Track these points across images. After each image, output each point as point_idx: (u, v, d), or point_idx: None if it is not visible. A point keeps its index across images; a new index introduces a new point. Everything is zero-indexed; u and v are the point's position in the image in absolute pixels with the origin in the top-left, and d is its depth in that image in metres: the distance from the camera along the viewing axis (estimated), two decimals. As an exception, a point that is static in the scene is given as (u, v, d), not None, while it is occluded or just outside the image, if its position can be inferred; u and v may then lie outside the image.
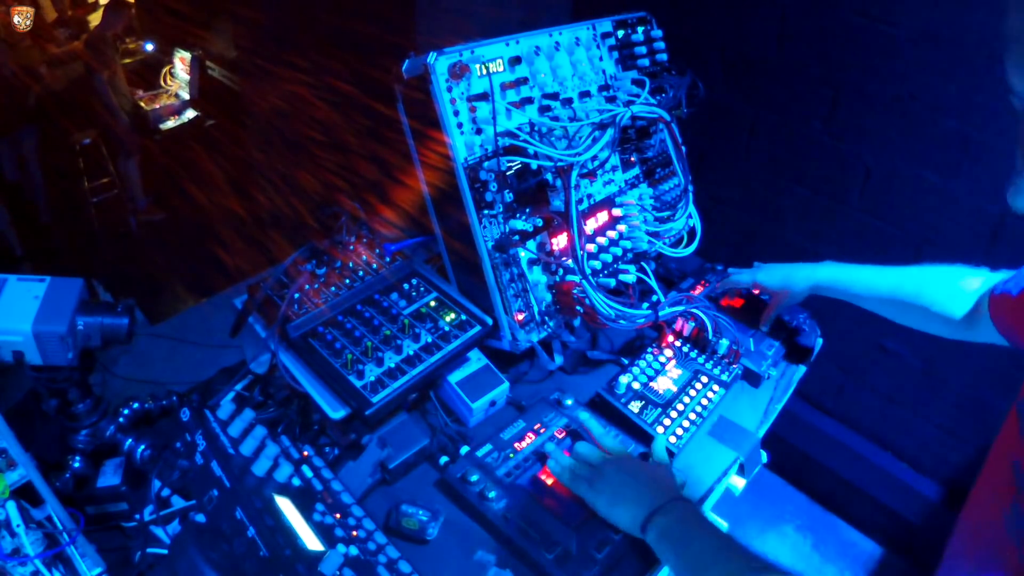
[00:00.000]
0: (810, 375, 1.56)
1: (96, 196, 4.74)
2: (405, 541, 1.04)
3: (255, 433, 1.01)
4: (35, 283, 0.98)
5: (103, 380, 1.30)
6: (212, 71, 5.04)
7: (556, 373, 1.44)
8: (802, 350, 1.52)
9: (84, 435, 1.08)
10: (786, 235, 2.41)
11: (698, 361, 1.42)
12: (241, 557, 0.86)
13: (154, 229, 4.82)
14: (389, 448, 1.16)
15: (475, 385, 1.28)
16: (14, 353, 0.95)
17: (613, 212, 1.49)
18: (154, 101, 5.13)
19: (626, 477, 1.07)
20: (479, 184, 1.24)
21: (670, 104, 1.49)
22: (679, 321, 1.45)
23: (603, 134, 1.33)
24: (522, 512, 1.06)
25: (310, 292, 1.23)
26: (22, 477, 0.92)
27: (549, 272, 1.36)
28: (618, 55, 1.54)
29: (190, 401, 1.23)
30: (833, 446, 2.54)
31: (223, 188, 4.36)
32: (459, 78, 1.22)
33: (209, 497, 0.93)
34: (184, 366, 1.38)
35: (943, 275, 1.23)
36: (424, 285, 1.32)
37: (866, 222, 2.16)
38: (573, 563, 1.00)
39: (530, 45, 1.37)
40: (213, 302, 1.69)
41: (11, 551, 0.90)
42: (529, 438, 1.21)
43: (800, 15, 2.08)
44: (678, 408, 1.30)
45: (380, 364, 1.15)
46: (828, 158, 2.18)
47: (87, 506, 1.07)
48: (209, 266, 3.82)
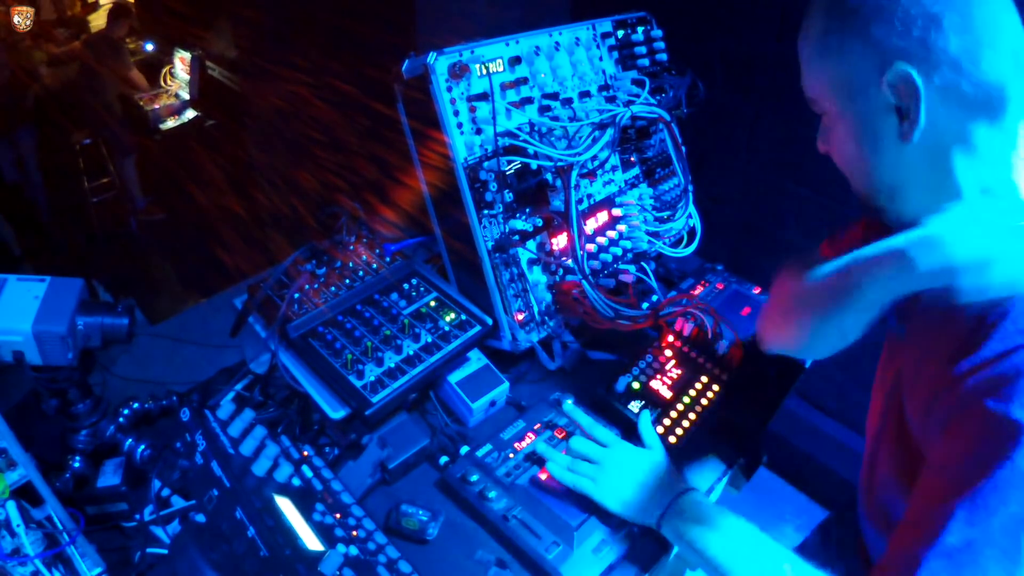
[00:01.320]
0: (810, 375, 1.56)
1: (96, 196, 4.74)
2: (405, 541, 1.04)
3: (255, 433, 1.01)
4: (35, 283, 0.98)
5: (103, 380, 1.30)
6: (212, 71, 5.03)
7: (556, 373, 1.44)
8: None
9: (84, 435, 1.08)
10: (786, 235, 2.41)
11: (698, 361, 1.42)
12: (241, 557, 0.86)
13: (154, 229, 4.82)
14: (389, 448, 1.16)
15: (475, 385, 1.28)
16: (14, 353, 0.95)
17: (613, 212, 1.49)
18: (154, 101, 5.12)
19: (629, 469, 1.07)
20: (479, 184, 1.24)
21: (670, 104, 1.50)
22: (679, 321, 1.45)
23: (603, 134, 1.33)
24: (522, 512, 1.06)
25: (310, 292, 1.23)
26: (22, 477, 0.92)
27: (549, 272, 1.36)
28: (618, 55, 1.54)
29: (190, 401, 1.23)
30: (833, 446, 2.54)
31: (223, 188, 4.35)
32: (459, 78, 1.22)
33: (209, 497, 0.93)
34: (184, 366, 1.38)
35: None
36: (424, 285, 1.32)
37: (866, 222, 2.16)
38: (573, 563, 1.00)
39: (530, 45, 1.37)
40: (213, 302, 1.68)
41: (11, 551, 0.90)
42: (529, 438, 1.20)
43: (800, 15, 2.07)
44: (678, 408, 1.30)
45: (380, 364, 1.15)
46: (828, 158, 2.18)
47: (87, 506, 1.07)
48: (209, 266, 3.81)
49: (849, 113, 0.81)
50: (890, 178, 0.81)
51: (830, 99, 0.82)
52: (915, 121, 0.74)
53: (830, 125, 0.86)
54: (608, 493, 1.06)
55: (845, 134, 0.83)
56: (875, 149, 0.80)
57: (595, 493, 1.06)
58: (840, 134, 0.84)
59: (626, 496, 1.05)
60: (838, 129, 0.84)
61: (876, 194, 0.84)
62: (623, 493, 1.05)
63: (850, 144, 0.83)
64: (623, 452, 1.11)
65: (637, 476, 1.07)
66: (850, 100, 0.79)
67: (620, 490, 1.05)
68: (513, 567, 1.02)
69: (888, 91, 0.75)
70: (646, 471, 1.07)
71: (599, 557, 1.02)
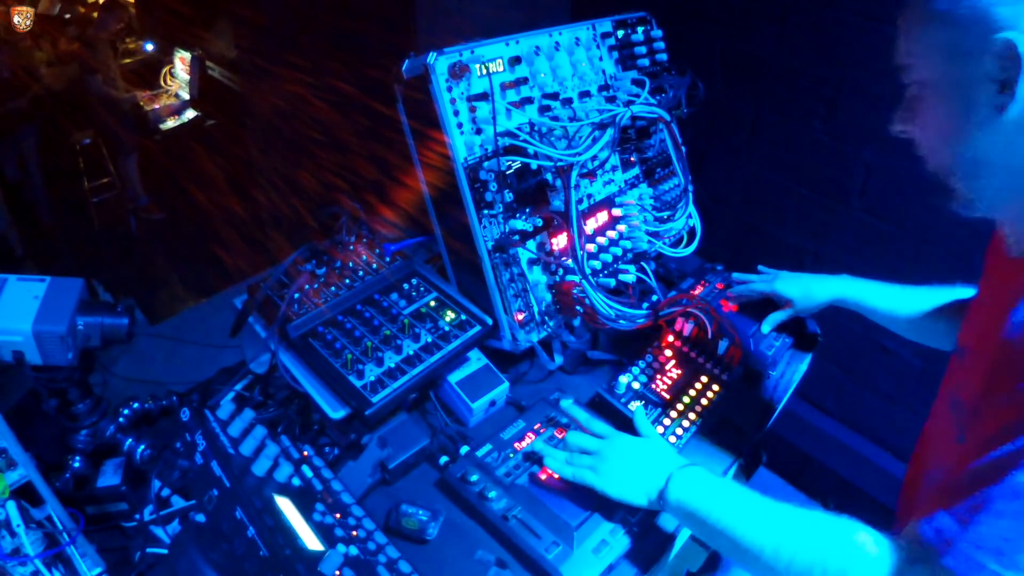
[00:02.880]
0: (810, 375, 1.56)
1: (96, 196, 4.74)
2: (405, 541, 1.04)
3: (255, 433, 1.01)
4: (35, 283, 0.98)
5: (103, 380, 1.30)
6: (212, 71, 5.03)
7: (556, 373, 1.44)
8: (810, 337, 1.52)
9: (84, 435, 1.08)
10: (786, 235, 2.41)
11: (698, 361, 1.42)
12: (241, 557, 0.86)
13: (154, 229, 4.82)
14: (389, 448, 1.16)
15: (475, 385, 1.28)
16: (14, 353, 0.95)
17: (613, 212, 1.49)
18: (154, 101, 5.12)
19: (628, 454, 1.06)
20: (479, 184, 1.24)
21: (670, 104, 1.49)
22: (679, 321, 1.45)
23: (603, 134, 1.33)
24: (522, 512, 1.06)
25: (310, 292, 1.23)
26: (22, 477, 0.92)
27: (549, 272, 1.36)
28: (618, 55, 1.54)
29: (190, 401, 1.23)
30: (833, 446, 2.54)
31: (223, 188, 4.35)
32: (459, 78, 1.22)
33: (209, 497, 0.93)
34: (184, 366, 1.38)
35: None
36: (424, 285, 1.32)
37: (866, 222, 2.16)
38: (573, 563, 1.00)
39: (530, 45, 1.37)
40: (213, 302, 1.69)
41: (11, 551, 0.90)
42: (529, 438, 1.20)
43: (800, 15, 2.08)
44: (678, 408, 1.30)
45: (380, 364, 1.15)
46: (828, 158, 2.18)
47: (87, 506, 1.07)
48: (209, 266, 3.81)
49: (945, 81, 0.79)
50: (974, 152, 0.79)
51: (928, 65, 0.81)
52: (1014, 93, 0.73)
53: (919, 94, 0.84)
54: (608, 480, 1.04)
55: (936, 103, 0.81)
56: (967, 119, 0.78)
57: (596, 482, 1.05)
58: (930, 103, 0.82)
59: (626, 480, 1.03)
60: (928, 98, 0.82)
61: (956, 169, 0.82)
62: (623, 478, 1.03)
63: (940, 113, 0.81)
64: (621, 440, 1.10)
65: (636, 460, 1.05)
66: (950, 67, 0.78)
67: (620, 475, 1.04)
68: (513, 567, 1.02)
69: (991, 60, 0.73)
70: (645, 454, 1.06)
71: (599, 557, 1.02)
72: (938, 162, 0.85)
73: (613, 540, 1.05)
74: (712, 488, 0.96)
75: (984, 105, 0.76)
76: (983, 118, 0.76)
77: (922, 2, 0.80)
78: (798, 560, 0.81)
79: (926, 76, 0.82)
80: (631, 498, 1.03)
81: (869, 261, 2.21)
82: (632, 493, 1.03)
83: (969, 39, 0.74)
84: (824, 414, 2.60)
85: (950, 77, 0.78)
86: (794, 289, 1.45)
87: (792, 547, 0.82)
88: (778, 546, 0.83)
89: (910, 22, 0.82)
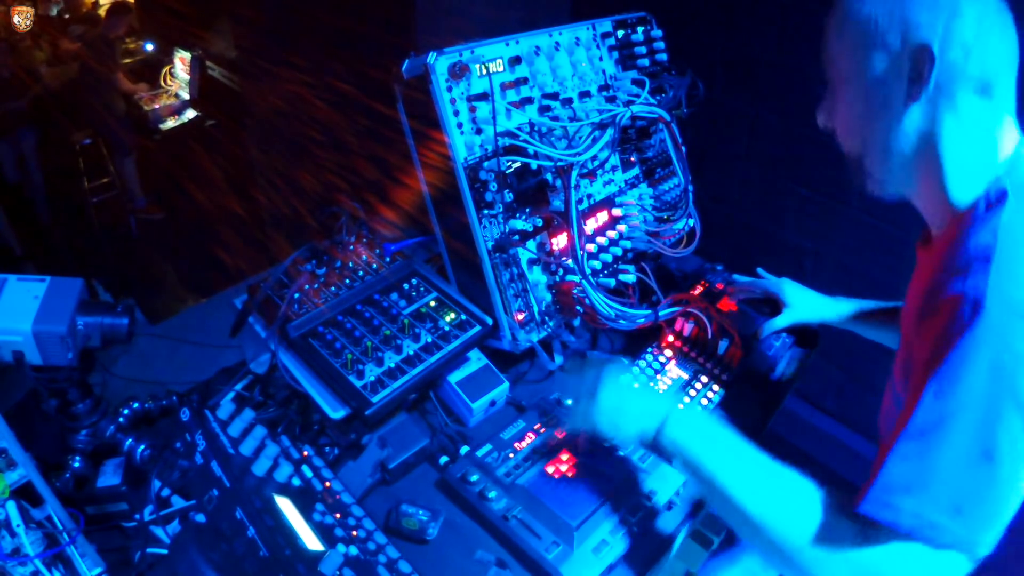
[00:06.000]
0: (810, 375, 1.56)
1: (96, 196, 4.74)
2: (405, 541, 1.04)
3: (255, 433, 1.01)
4: (35, 283, 0.98)
5: (103, 380, 1.30)
6: (212, 71, 5.03)
7: (556, 373, 1.44)
8: (810, 336, 1.53)
9: (84, 435, 1.08)
10: (786, 235, 2.41)
11: (698, 361, 1.42)
12: (241, 557, 0.86)
13: (154, 229, 4.82)
14: (389, 448, 1.16)
15: (475, 385, 1.28)
16: (14, 353, 0.95)
17: (613, 212, 1.49)
18: (154, 101, 5.12)
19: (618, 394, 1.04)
20: (479, 184, 1.24)
21: (670, 104, 1.49)
22: (679, 321, 1.45)
23: (603, 134, 1.33)
24: (522, 512, 1.06)
25: (310, 292, 1.23)
26: (22, 477, 0.92)
27: (549, 272, 1.36)
28: (618, 55, 1.54)
29: (190, 401, 1.23)
30: (833, 446, 2.54)
31: (223, 188, 4.35)
32: (459, 78, 1.22)
33: (209, 497, 0.93)
34: (184, 366, 1.38)
35: None
36: (424, 285, 1.32)
37: (866, 222, 2.16)
38: (573, 563, 1.00)
39: (530, 45, 1.37)
40: (213, 302, 1.68)
41: (11, 551, 0.90)
42: (529, 438, 1.20)
43: (800, 15, 2.08)
44: (678, 408, 1.30)
45: (380, 364, 1.15)
46: (828, 158, 2.18)
47: (87, 506, 1.07)
48: (209, 266, 3.82)
49: (864, 76, 0.88)
50: (885, 138, 0.88)
51: (849, 60, 0.89)
52: (925, 82, 0.83)
53: (838, 88, 0.93)
54: (602, 420, 1.02)
55: (855, 95, 0.90)
56: (884, 106, 0.87)
57: (587, 425, 1.03)
58: (849, 96, 0.91)
59: (619, 418, 1.01)
60: (847, 91, 0.91)
61: (870, 153, 0.91)
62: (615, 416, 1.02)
63: (858, 105, 0.90)
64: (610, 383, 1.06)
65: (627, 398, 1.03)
66: (870, 63, 0.87)
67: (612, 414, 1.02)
68: (513, 567, 1.02)
69: (907, 60, 0.83)
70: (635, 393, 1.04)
71: (599, 557, 1.02)
72: (854, 148, 0.93)
73: (613, 540, 1.05)
74: (706, 434, 0.95)
75: (896, 97, 0.86)
76: (896, 106, 0.86)
77: (847, 3, 0.89)
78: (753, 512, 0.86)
79: (845, 69, 0.91)
80: (623, 434, 1.01)
81: (869, 261, 2.21)
82: (624, 430, 1.01)
83: (890, 40, 0.84)
84: (824, 414, 2.60)
85: (869, 72, 0.87)
86: (806, 306, 1.47)
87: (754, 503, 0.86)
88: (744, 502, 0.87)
89: (839, 20, 0.91)
